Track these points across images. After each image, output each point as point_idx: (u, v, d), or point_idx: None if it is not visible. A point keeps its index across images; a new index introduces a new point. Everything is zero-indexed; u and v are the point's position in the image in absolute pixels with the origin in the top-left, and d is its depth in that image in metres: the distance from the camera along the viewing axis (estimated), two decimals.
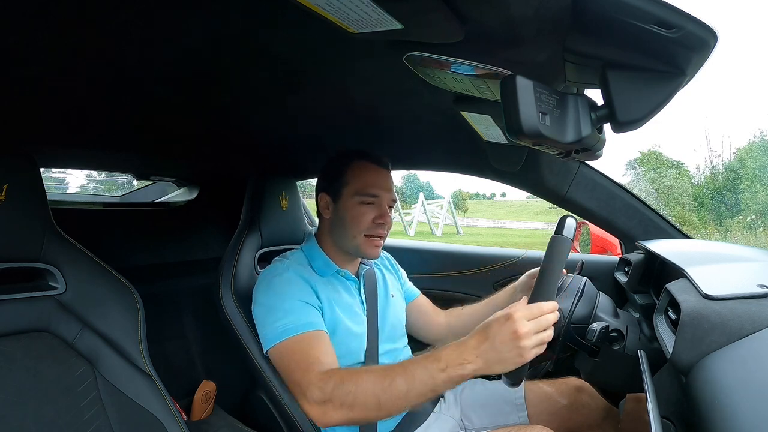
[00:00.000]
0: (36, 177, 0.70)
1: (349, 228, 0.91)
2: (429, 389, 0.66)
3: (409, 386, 0.66)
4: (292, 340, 0.80)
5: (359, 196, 0.90)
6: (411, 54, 0.54)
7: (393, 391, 0.67)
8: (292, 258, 0.94)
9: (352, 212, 0.91)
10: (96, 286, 0.75)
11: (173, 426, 0.74)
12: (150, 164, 1.42)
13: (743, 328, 0.54)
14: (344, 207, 0.92)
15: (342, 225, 0.92)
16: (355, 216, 0.90)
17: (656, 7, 0.38)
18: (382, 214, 0.91)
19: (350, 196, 0.91)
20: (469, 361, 0.64)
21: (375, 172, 0.93)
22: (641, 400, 0.83)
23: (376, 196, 0.91)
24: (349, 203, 0.91)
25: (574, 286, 1.07)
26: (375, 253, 0.93)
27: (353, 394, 0.69)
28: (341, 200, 0.92)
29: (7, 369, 0.62)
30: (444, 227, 17.65)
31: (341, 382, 0.71)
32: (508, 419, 0.97)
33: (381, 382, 0.68)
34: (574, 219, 0.78)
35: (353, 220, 0.90)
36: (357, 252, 0.93)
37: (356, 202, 0.91)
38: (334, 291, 0.92)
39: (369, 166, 0.93)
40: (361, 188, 0.91)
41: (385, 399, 0.67)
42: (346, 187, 0.92)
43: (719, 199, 17.71)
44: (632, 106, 0.46)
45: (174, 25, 0.52)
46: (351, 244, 0.92)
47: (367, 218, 0.90)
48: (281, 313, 0.82)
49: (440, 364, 0.65)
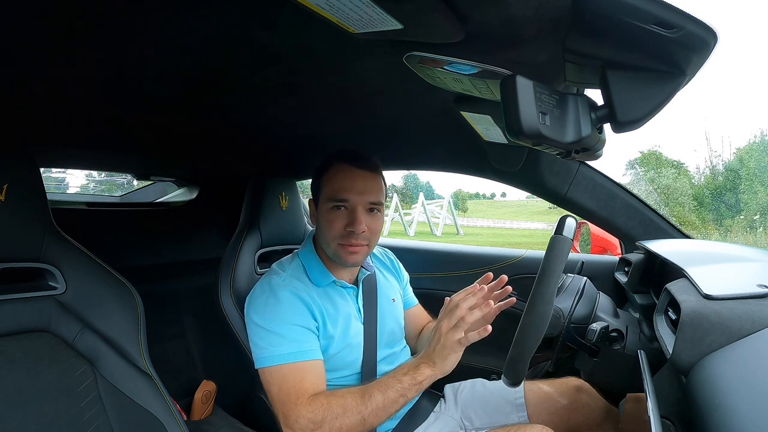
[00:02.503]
0: (36, 177, 0.70)
1: (325, 234, 0.88)
2: (399, 395, 0.76)
3: (384, 397, 0.76)
4: (284, 367, 0.80)
5: (330, 201, 0.87)
6: (411, 54, 0.54)
7: (372, 405, 0.75)
8: (289, 270, 0.91)
9: (326, 218, 0.88)
10: (96, 286, 0.75)
11: (173, 426, 0.74)
12: (150, 164, 1.42)
13: (743, 328, 0.54)
14: (321, 213, 0.89)
15: (320, 232, 0.91)
16: (328, 222, 0.87)
17: (656, 7, 0.38)
18: (351, 221, 0.86)
19: (324, 201, 0.88)
20: (422, 363, 0.77)
21: (347, 175, 0.87)
22: (641, 400, 0.83)
23: (345, 200, 0.86)
24: (323, 209, 0.88)
25: (574, 286, 1.07)
26: (353, 259, 0.89)
27: (340, 417, 0.75)
28: (319, 206, 0.90)
29: (7, 369, 0.62)
30: (444, 227, 17.66)
31: (329, 407, 0.75)
32: (508, 419, 0.97)
33: (362, 400, 0.76)
34: (574, 219, 0.78)
35: (326, 226, 0.88)
36: (336, 258, 0.90)
37: (328, 207, 0.87)
38: (330, 303, 0.90)
39: (343, 169, 0.88)
40: (332, 193, 0.87)
41: (367, 413, 0.75)
42: (321, 193, 0.89)
43: (719, 199, 17.71)
44: (632, 106, 0.46)
45: (174, 25, 0.52)
46: (329, 250, 0.90)
47: (338, 225, 0.86)
48: (275, 338, 0.81)
49: (403, 371, 0.78)
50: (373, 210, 0.89)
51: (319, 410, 0.75)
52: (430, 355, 0.77)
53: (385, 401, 0.75)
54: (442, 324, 0.76)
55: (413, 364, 0.78)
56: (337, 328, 0.89)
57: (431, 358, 0.77)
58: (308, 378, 0.80)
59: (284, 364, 0.80)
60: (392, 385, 0.76)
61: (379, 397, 0.76)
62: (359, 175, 0.87)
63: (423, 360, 0.78)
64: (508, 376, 0.73)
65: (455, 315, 0.75)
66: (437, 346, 0.76)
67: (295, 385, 0.78)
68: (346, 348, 0.89)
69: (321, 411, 0.75)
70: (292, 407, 0.77)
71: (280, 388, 0.79)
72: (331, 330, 0.88)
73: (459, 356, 0.76)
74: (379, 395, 0.76)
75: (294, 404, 0.77)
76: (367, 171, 0.89)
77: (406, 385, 0.76)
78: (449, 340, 0.74)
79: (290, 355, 0.80)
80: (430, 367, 0.76)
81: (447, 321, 0.75)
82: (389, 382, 0.77)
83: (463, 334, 0.74)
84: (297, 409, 0.76)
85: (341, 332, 0.89)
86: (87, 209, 1.44)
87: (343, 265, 0.92)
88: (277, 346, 0.81)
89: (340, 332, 0.89)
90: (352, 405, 0.75)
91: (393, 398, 0.76)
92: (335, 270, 0.94)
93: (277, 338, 0.81)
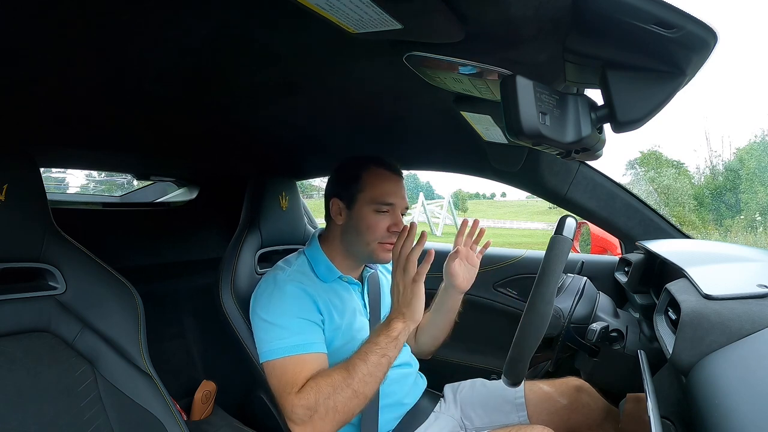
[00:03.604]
0: (36, 177, 0.70)
1: (364, 235, 0.91)
2: (380, 356, 0.78)
3: (367, 363, 0.77)
4: (286, 359, 0.81)
5: (375, 204, 0.90)
6: (411, 54, 0.54)
7: (358, 374, 0.76)
8: (294, 265, 0.93)
9: (368, 220, 0.90)
10: (96, 286, 0.74)
11: (173, 426, 0.74)
12: (150, 164, 1.42)
13: (743, 328, 0.54)
14: (359, 214, 0.91)
15: (356, 232, 0.92)
16: (371, 224, 0.90)
17: (656, 7, 0.38)
18: (396, 223, 0.92)
19: (365, 203, 0.91)
20: (393, 319, 0.80)
21: (390, 181, 0.93)
22: (641, 400, 0.83)
23: (391, 205, 0.91)
24: (364, 211, 0.91)
25: (574, 286, 1.07)
26: (387, 258, 0.93)
27: (332, 396, 0.76)
28: (356, 207, 0.92)
29: (7, 369, 0.62)
30: (444, 227, 17.65)
31: (318, 389, 0.76)
32: (508, 419, 0.97)
33: (347, 372, 0.77)
34: (574, 219, 0.78)
35: (369, 228, 0.90)
36: (370, 258, 0.94)
37: (371, 209, 0.91)
38: (337, 297, 0.92)
39: (384, 174, 0.93)
40: (378, 197, 0.91)
41: (356, 384, 0.76)
42: (361, 194, 0.92)
43: (719, 199, 17.69)
44: (632, 106, 0.46)
45: (173, 25, 0.52)
46: (365, 250, 0.92)
47: (382, 226, 0.90)
48: (280, 331, 0.82)
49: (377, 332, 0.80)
50: (403, 214, 0.96)
51: (311, 395, 0.76)
52: (396, 308, 0.81)
53: (369, 367, 0.77)
54: (395, 275, 0.81)
55: (384, 324, 0.81)
56: (344, 320, 0.90)
57: (398, 311, 0.80)
58: (307, 369, 0.80)
59: (286, 356, 0.81)
60: (371, 349, 0.78)
61: (362, 365, 0.77)
62: (398, 181, 0.95)
63: (392, 316, 0.81)
64: (508, 376, 0.73)
65: (400, 260, 0.80)
66: (399, 297, 0.80)
67: (293, 377, 0.79)
68: (351, 341, 0.90)
69: (312, 395, 0.76)
70: (286, 398, 0.78)
71: (279, 380, 0.80)
72: (338, 321, 0.89)
73: (422, 296, 0.80)
74: (361, 363, 0.77)
75: (288, 395, 0.78)
76: (401, 177, 0.96)
77: (383, 345, 0.78)
78: (406, 284, 0.79)
79: (293, 348, 0.81)
80: (401, 320, 0.79)
81: (398, 270, 0.80)
82: (367, 347, 0.79)
83: (414, 270, 0.78)
84: (291, 399, 0.77)
85: (347, 324, 0.90)
86: (87, 209, 1.44)
87: (374, 263, 0.98)
88: (281, 339, 0.82)
89: (346, 324, 0.90)
90: (339, 381, 0.76)
91: (375, 361, 0.77)
92: (342, 267, 0.96)
93: (281, 331, 0.82)
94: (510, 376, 0.72)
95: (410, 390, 0.99)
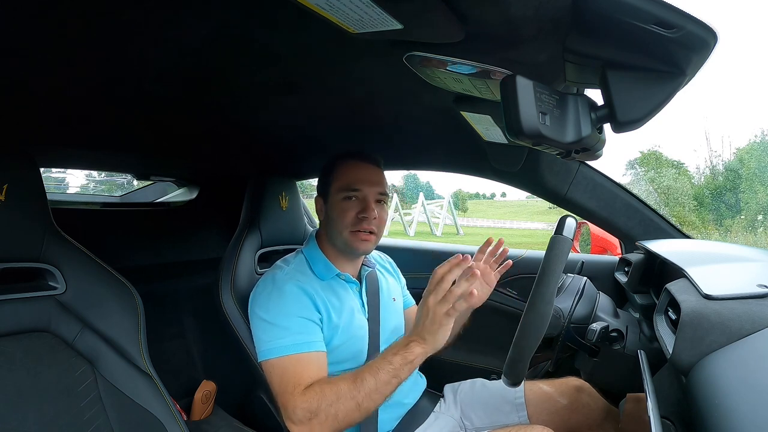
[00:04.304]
0: (36, 177, 0.70)
1: (335, 224, 0.93)
2: (392, 376, 0.74)
3: (376, 380, 0.74)
4: (286, 359, 0.81)
5: (342, 192, 0.92)
6: (411, 54, 0.54)
7: (365, 389, 0.74)
8: (293, 264, 0.94)
9: (337, 209, 0.93)
10: (96, 286, 0.74)
11: (173, 426, 0.74)
12: (150, 164, 1.42)
13: (743, 328, 0.54)
14: (331, 205, 0.94)
15: (331, 223, 0.94)
16: (340, 212, 0.92)
17: (656, 7, 0.38)
18: (364, 208, 0.92)
19: (335, 193, 0.94)
20: (413, 341, 0.75)
21: (358, 168, 0.94)
22: (641, 400, 0.83)
23: (357, 190, 0.92)
24: (334, 200, 0.93)
25: (574, 286, 1.07)
26: (364, 247, 0.93)
27: (335, 404, 0.74)
28: (329, 199, 0.95)
29: (7, 369, 0.62)
30: (444, 227, 17.65)
31: (323, 395, 0.76)
32: (508, 419, 0.97)
33: (354, 384, 0.75)
34: (574, 219, 0.78)
35: (338, 216, 0.92)
36: (347, 248, 0.94)
37: (340, 198, 0.93)
38: (335, 295, 0.92)
39: (353, 164, 0.95)
40: (344, 184, 0.93)
41: (361, 398, 0.74)
42: (332, 186, 0.95)
43: (719, 199, 17.70)
44: (632, 106, 0.46)
45: (174, 25, 0.52)
46: (340, 240, 0.93)
47: (351, 213, 0.91)
48: (279, 330, 0.83)
49: (393, 351, 0.76)
50: (380, 201, 0.95)
51: (314, 399, 0.76)
52: (419, 332, 0.74)
53: (377, 384, 0.74)
54: (428, 299, 0.73)
55: (403, 343, 0.76)
56: (342, 319, 0.90)
57: (421, 335, 0.74)
58: (309, 369, 0.81)
59: (286, 355, 0.81)
60: (383, 366, 0.75)
61: (371, 380, 0.74)
62: (368, 168, 0.95)
63: (413, 338, 0.75)
64: (508, 376, 0.73)
65: (441, 288, 0.72)
66: (426, 321, 0.73)
67: (295, 376, 0.79)
68: (350, 340, 0.90)
69: (316, 399, 0.75)
70: (289, 398, 0.78)
71: (280, 380, 0.80)
72: (336, 320, 0.89)
73: (449, 330, 0.73)
74: (370, 378, 0.74)
75: (291, 395, 0.78)
76: (374, 165, 0.96)
77: (398, 366, 0.74)
78: (437, 314, 0.71)
79: (293, 347, 0.81)
80: (421, 344, 0.74)
81: (434, 296, 0.73)
82: (380, 364, 0.75)
83: (451, 305, 0.71)
84: (293, 400, 0.77)
85: (345, 323, 0.90)
86: (87, 209, 1.44)
87: (354, 254, 0.96)
88: (281, 338, 0.82)
89: (345, 323, 0.90)
90: (345, 391, 0.75)
91: (385, 380, 0.74)
92: (339, 264, 0.96)
93: (280, 330, 0.82)
94: (510, 376, 0.72)
95: (410, 390, 0.99)
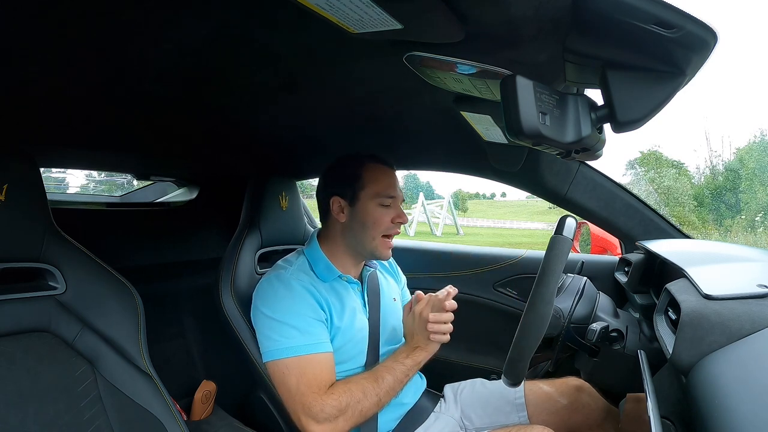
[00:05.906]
0: (36, 177, 0.70)
1: (370, 230, 0.92)
2: (404, 375, 0.87)
3: (394, 378, 0.86)
4: (303, 359, 0.82)
5: (379, 198, 0.93)
6: (411, 54, 0.54)
7: (385, 386, 0.85)
8: (295, 264, 0.93)
9: (373, 214, 0.92)
10: (96, 286, 0.74)
11: (173, 426, 0.74)
12: (150, 164, 1.42)
13: (743, 328, 0.54)
14: (363, 210, 0.93)
15: (361, 227, 0.93)
16: (376, 218, 0.92)
17: (656, 7, 0.38)
18: (399, 214, 0.95)
19: (369, 198, 0.92)
20: (416, 348, 0.90)
21: (388, 174, 0.96)
22: (641, 400, 0.83)
23: (393, 197, 0.94)
24: (368, 206, 0.92)
25: (574, 286, 1.07)
26: (388, 254, 0.96)
27: (362, 401, 0.81)
28: (359, 203, 0.93)
29: (7, 369, 0.62)
30: (444, 227, 17.66)
31: (350, 393, 0.81)
32: (508, 419, 0.97)
33: (376, 383, 0.84)
34: (574, 219, 0.78)
35: (374, 222, 0.92)
36: (373, 254, 0.95)
37: (376, 204, 0.92)
38: (336, 296, 0.92)
39: (382, 168, 0.96)
40: (381, 191, 0.93)
41: (382, 394, 0.84)
42: (364, 191, 0.93)
43: (719, 199, 17.70)
44: (632, 106, 0.46)
45: (174, 25, 0.52)
46: (369, 245, 0.93)
47: (387, 219, 0.93)
48: (289, 330, 0.83)
49: (404, 354, 0.90)
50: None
51: (343, 397, 0.81)
52: (415, 340, 0.89)
53: (394, 382, 0.85)
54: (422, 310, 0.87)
55: (409, 349, 0.90)
56: (343, 320, 0.90)
57: (419, 342, 0.89)
58: (326, 369, 0.84)
59: (302, 355, 0.82)
60: (397, 367, 0.87)
61: (389, 377, 0.85)
62: (394, 174, 0.99)
63: (414, 345, 0.89)
64: (508, 376, 0.73)
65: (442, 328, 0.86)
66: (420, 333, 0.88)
67: (316, 376, 0.81)
68: (351, 341, 0.91)
69: (345, 397, 0.80)
70: (315, 398, 0.80)
71: (299, 380, 0.81)
72: (338, 322, 0.89)
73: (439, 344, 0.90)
74: (389, 376, 0.85)
75: (317, 395, 0.80)
76: (394, 170, 1.00)
77: (409, 366, 0.87)
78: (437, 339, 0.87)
79: (308, 347, 0.82)
80: (424, 350, 0.89)
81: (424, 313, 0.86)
82: (394, 365, 0.87)
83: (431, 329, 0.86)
84: (321, 399, 0.79)
85: (347, 324, 0.91)
86: (87, 209, 1.44)
87: (379, 258, 0.99)
88: (293, 338, 0.82)
89: (346, 324, 0.90)
90: (369, 388, 0.83)
91: (400, 378, 0.86)
92: (344, 266, 0.96)
93: (291, 330, 0.83)
94: (510, 376, 0.72)
95: (410, 390, 0.99)
